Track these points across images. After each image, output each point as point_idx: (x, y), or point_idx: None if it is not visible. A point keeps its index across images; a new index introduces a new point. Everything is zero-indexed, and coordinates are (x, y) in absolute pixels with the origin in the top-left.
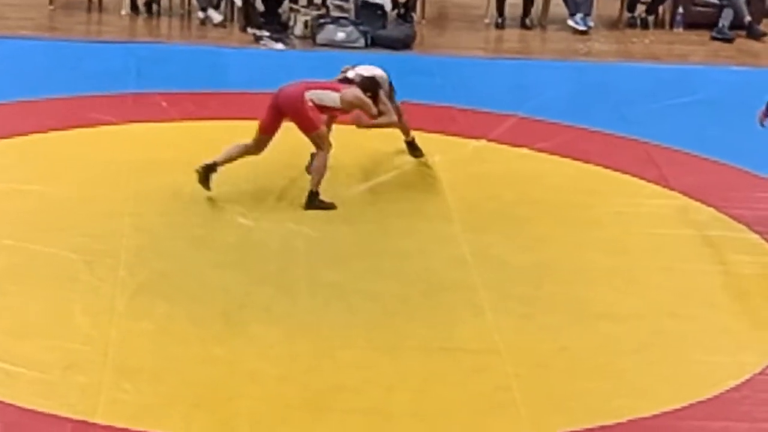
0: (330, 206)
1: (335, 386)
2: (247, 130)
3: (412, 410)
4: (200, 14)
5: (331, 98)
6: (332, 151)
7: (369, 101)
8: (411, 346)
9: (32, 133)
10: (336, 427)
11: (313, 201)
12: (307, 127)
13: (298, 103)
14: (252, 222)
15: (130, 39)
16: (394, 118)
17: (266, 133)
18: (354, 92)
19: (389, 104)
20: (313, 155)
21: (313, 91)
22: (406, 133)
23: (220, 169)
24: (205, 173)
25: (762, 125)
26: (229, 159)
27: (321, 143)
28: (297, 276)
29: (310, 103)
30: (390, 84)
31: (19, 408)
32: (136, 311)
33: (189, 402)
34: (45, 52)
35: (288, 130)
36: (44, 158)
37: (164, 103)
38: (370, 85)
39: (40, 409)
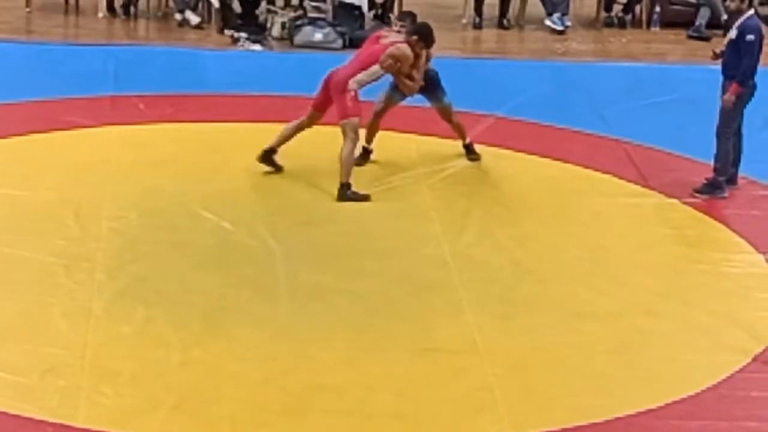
0: (363, 198)
1: (316, 387)
2: (225, 132)
3: (393, 411)
4: (178, 16)
5: (374, 72)
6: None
7: (408, 54)
8: (392, 347)
9: (9, 136)
10: (317, 429)
11: (344, 193)
12: (341, 112)
13: (341, 87)
14: (230, 225)
15: (107, 41)
16: (415, 88)
17: (318, 109)
18: (390, 51)
19: (419, 75)
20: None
21: (358, 77)
22: (462, 136)
23: (279, 150)
24: (265, 158)
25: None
26: (285, 139)
27: (349, 133)
28: (277, 278)
29: (352, 93)
30: (439, 82)
31: (0, 412)
32: (115, 315)
33: (169, 405)
34: (22, 55)
35: (265, 133)
36: (21, 162)
37: (142, 106)
38: (419, 29)
39: (20, 414)
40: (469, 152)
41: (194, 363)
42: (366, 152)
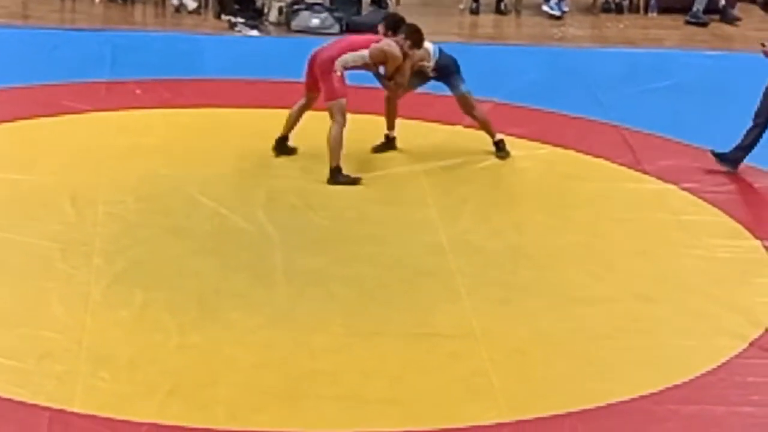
0: (354, 181)
1: (312, 372)
2: (222, 117)
3: (389, 396)
4: (174, 1)
5: (361, 56)
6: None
7: (396, 54)
8: (388, 332)
9: (6, 121)
10: (313, 413)
11: (335, 176)
12: (327, 94)
13: (327, 68)
14: (228, 210)
15: (104, 26)
16: (394, 89)
17: (312, 91)
18: (381, 45)
19: (402, 79)
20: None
21: (343, 57)
22: (489, 132)
23: (290, 136)
24: (279, 147)
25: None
26: (293, 124)
27: (336, 114)
28: (273, 263)
29: (338, 73)
30: (454, 69)
31: None
32: (112, 299)
33: (165, 389)
34: (19, 40)
35: (262, 118)
36: (18, 146)
37: (138, 91)
38: (408, 31)
39: (17, 398)
40: (499, 149)
41: (191, 347)
42: (389, 140)
